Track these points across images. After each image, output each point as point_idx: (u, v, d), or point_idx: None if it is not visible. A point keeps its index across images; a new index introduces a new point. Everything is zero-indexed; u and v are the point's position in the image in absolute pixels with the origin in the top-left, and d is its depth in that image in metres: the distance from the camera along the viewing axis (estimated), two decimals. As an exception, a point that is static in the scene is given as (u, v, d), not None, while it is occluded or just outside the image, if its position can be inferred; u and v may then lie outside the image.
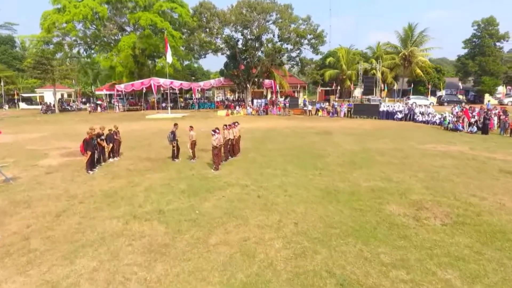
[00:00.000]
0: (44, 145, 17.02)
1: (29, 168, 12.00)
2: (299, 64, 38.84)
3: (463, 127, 20.55)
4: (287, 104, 36.54)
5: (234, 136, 13.25)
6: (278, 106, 34.79)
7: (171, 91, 46.05)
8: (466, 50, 49.01)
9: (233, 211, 7.51)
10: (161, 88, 43.08)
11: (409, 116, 26.72)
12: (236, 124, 13.66)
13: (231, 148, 13.18)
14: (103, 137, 12.28)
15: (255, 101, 39.56)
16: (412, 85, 44.18)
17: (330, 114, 31.55)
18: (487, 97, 47.18)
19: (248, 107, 34.55)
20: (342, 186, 9.31)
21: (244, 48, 37.23)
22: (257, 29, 35.98)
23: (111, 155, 13.13)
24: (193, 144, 12.62)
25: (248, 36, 37.28)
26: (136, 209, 7.73)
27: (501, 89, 44.25)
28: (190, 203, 8.03)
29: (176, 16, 46.23)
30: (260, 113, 33.52)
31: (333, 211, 7.48)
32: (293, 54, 38.79)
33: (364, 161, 12.44)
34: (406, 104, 28.61)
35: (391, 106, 28.76)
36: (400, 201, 8.08)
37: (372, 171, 11.03)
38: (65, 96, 56.10)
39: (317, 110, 33.19)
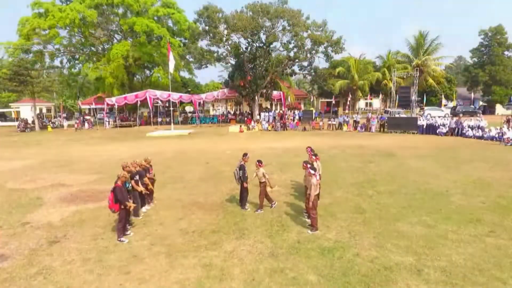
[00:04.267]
0: (31, 181, 12.36)
1: (17, 231, 7.53)
2: (313, 73, 35.58)
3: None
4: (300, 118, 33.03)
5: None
6: (296, 121, 31.07)
7: (165, 104, 41.83)
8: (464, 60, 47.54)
9: None
10: (159, 101, 38.56)
11: (457, 131, 23.61)
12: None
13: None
14: (137, 177, 8.05)
15: (262, 114, 35.77)
16: (425, 96, 41.77)
17: (359, 128, 28.13)
18: (499, 107, 45.65)
19: (263, 122, 30.64)
20: None
21: (252, 56, 33.63)
22: (268, 36, 32.55)
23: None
24: (264, 187, 8.44)
25: (257, 44, 33.78)
26: None
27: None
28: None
29: (171, 24, 42.57)
30: (276, 129, 29.66)
31: None
32: (305, 63, 35.77)
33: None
34: (451, 116, 25.48)
35: (433, 120, 25.64)
36: None
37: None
38: (44, 110, 50.30)
39: (340, 124, 29.72)
